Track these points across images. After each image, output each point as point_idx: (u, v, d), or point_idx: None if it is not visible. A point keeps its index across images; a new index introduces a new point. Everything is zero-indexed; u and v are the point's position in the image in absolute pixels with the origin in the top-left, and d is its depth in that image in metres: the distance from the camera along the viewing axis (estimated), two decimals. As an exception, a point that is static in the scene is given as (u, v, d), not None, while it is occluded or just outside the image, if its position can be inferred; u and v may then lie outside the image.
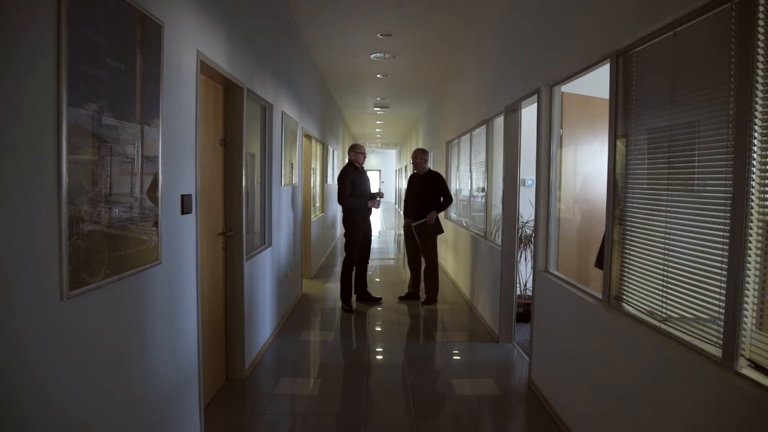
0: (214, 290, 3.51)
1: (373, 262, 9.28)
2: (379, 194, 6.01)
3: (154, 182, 2.24)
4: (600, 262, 3.44)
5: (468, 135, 6.59)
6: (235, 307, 3.75)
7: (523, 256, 5.45)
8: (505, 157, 4.59)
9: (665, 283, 2.19)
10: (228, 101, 3.63)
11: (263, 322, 4.47)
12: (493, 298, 5.01)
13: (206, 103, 3.27)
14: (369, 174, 6.38)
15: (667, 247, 2.19)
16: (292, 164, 5.79)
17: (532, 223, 5.24)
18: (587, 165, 3.83)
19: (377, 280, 7.92)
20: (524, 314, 5.32)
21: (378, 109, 12.10)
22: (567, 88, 3.53)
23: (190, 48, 2.66)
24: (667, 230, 2.18)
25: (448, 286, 7.18)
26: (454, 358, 4.55)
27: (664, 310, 2.23)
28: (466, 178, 6.87)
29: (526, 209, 5.22)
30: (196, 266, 2.80)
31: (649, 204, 2.35)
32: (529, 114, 4.54)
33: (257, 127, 4.40)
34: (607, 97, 3.94)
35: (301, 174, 6.65)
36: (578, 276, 3.61)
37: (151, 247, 2.22)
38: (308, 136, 7.29)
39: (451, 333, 5.27)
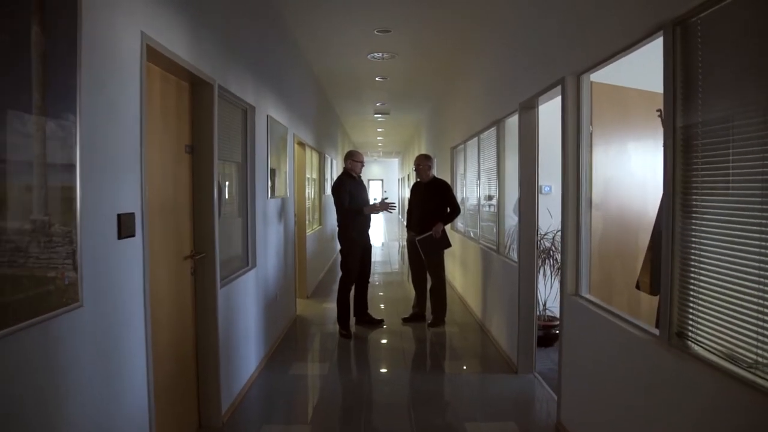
0: (180, 325, 2.93)
1: (375, 277, 8.70)
2: (383, 204, 5.35)
3: (68, 199, 1.67)
4: (646, 285, 2.86)
5: (475, 139, 6.03)
6: (207, 342, 3.17)
7: (542, 271, 4.85)
8: (521, 161, 4.02)
9: (761, 320, 1.61)
10: (195, 101, 3.08)
11: (246, 354, 3.88)
12: (510, 322, 4.41)
13: (165, 101, 2.71)
14: (371, 183, 5.80)
15: (764, 272, 1.60)
16: (282, 174, 5.23)
17: (550, 236, 4.65)
18: (620, 167, 3.26)
19: (380, 293, 7.33)
20: (544, 338, 4.71)
21: (378, 115, 11.57)
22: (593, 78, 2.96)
23: (130, 27, 2.11)
24: (764, 249, 1.60)
25: (456, 303, 6.57)
26: (467, 393, 3.95)
27: (753, 355, 1.65)
28: (474, 185, 6.29)
29: (543, 219, 4.63)
30: (144, 302, 2.23)
31: (733, 214, 1.77)
32: (546, 111, 3.97)
33: (237, 132, 3.85)
34: (641, 87, 3.39)
35: (294, 185, 6.09)
36: (613, 298, 3.02)
37: (64, 286, 1.65)
38: (302, 144, 6.74)
39: (462, 362, 4.67)
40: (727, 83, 1.80)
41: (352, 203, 5.22)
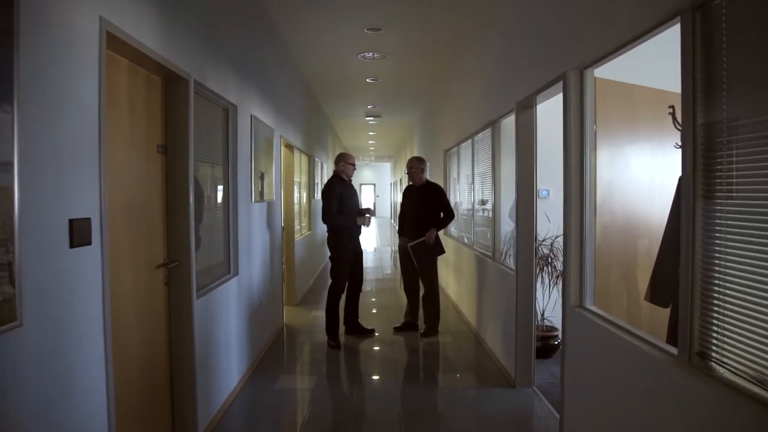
0: (151, 339, 2.69)
1: (367, 284, 8.46)
2: (369, 211, 5.20)
3: (3, 201, 1.44)
4: (656, 297, 2.66)
5: (469, 141, 5.83)
6: (182, 357, 2.92)
7: (539, 279, 4.65)
8: (518, 164, 3.82)
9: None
10: (169, 97, 2.84)
11: (227, 367, 3.64)
12: (507, 332, 4.20)
13: (133, 95, 2.48)
14: (363, 188, 5.57)
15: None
16: (268, 177, 5.00)
17: (548, 242, 4.45)
18: (625, 170, 3.06)
19: (372, 300, 7.10)
20: (543, 349, 4.51)
21: (370, 118, 11.36)
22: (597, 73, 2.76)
23: (86, 11, 1.88)
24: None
25: (450, 311, 6.36)
26: (463, 409, 3.73)
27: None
28: (468, 189, 6.09)
29: (541, 225, 4.43)
30: (104, 318, 1.99)
31: (763, 219, 1.57)
32: (544, 111, 3.78)
33: (218, 132, 3.62)
34: (649, 84, 3.19)
35: (281, 189, 5.86)
36: (616, 309, 2.82)
37: (-4, 303, 1.41)
38: (290, 147, 6.51)
39: (456, 374, 4.44)
40: (758, 73, 1.60)
41: (342, 208, 4.97)
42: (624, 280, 3.11)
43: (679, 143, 2.63)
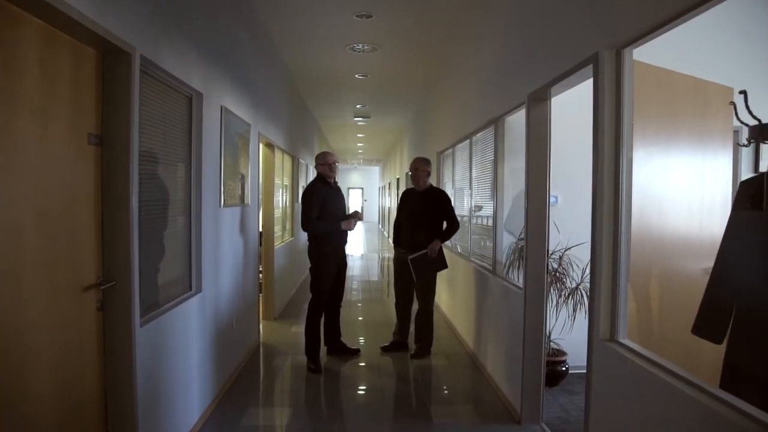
0: (73, 383, 2.11)
1: (353, 294, 7.91)
2: (357, 215, 4.64)
3: None
4: (706, 330, 2.15)
5: (467, 142, 5.32)
6: (120, 399, 2.35)
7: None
8: (529, 166, 3.30)
9: None
10: (106, 74, 2.28)
11: (185, 403, 3.07)
12: (511, 358, 3.67)
13: (49, 68, 1.92)
14: (351, 192, 4.99)
15: None
16: (242, 178, 4.44)
17: (557, 254, 3.93)
18: (664, 175, 2.56)
19: (359, 313, 6.54)
20: (548, 376, 3.98)
21: (359, 119, 10.82)
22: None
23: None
24: None
25: (443, 328, 5.81)
26: (462, 451, 3.19)
27: None
28: (465, 194, 5.58)
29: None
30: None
31: None
32: (558, 104, 3.29)
33: (178, 124, 3.06)
34: (694, 73, 2.70)
35: (259, 191, 5.30)
36: (653, 344, 2.31)
37: None
38: (270, 146, 5.95)
39: (452, 406, 3.90)
40: None
41: (324, 214, 4.41)
42: (661, 306, 2.61)
43: (747, 140, 2.14)
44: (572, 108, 3.76)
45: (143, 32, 2.44)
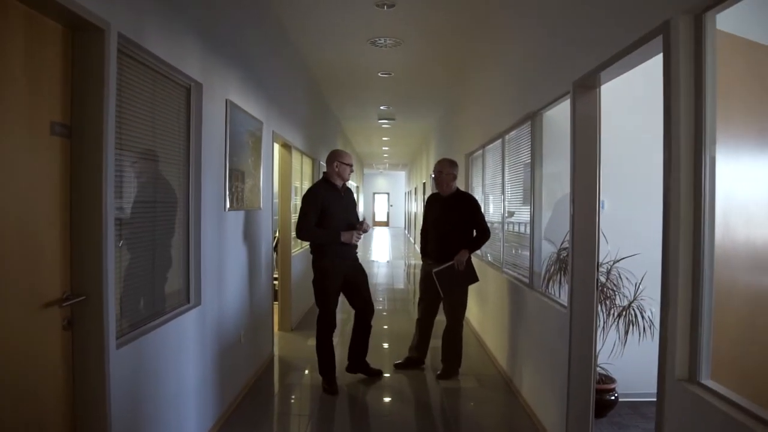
0: (27, 418, 1.76)
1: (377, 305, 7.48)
2: (360, 226, 3.99)
3: None
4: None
5: (499, 141, 4.87)
6: (89, 427, 1.99)
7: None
8: (574, 166, 2.84)
9: None
10: (76, 55, 1.94)
11: (177, 427, 2.71)
12: (553, 384, 3.21)
13: (2, 44, 1.58)
14: (376, 197, 4.45)
15: None
16: (253, 179, 4.08)
17: (605, 267, 3.44)
18: (752, 175, 2.08)
19: (384, 327, 6.11)
20: (597, 404, 3.48)
21: (383, 121, 10.44)
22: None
23: None
24: None
25: (472, 345, 5.34)
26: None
27: None
28: (498, 198, 5.12)
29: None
30: None
31: None
32: (610, 91, 2.83)
33: (175, 118, 2.72)
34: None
35: (272, 194, 4.94)
36: (744, 384, 1.83)
37: None
38: (287, 146, 5.60)
39: (484, 436, 3.45)
40: None
41: (325, 222, 3.87)
42: (745, 335, 2.12)
43: None
44: (620, 98, 3.30)
45: (121, 6, 2.09)
